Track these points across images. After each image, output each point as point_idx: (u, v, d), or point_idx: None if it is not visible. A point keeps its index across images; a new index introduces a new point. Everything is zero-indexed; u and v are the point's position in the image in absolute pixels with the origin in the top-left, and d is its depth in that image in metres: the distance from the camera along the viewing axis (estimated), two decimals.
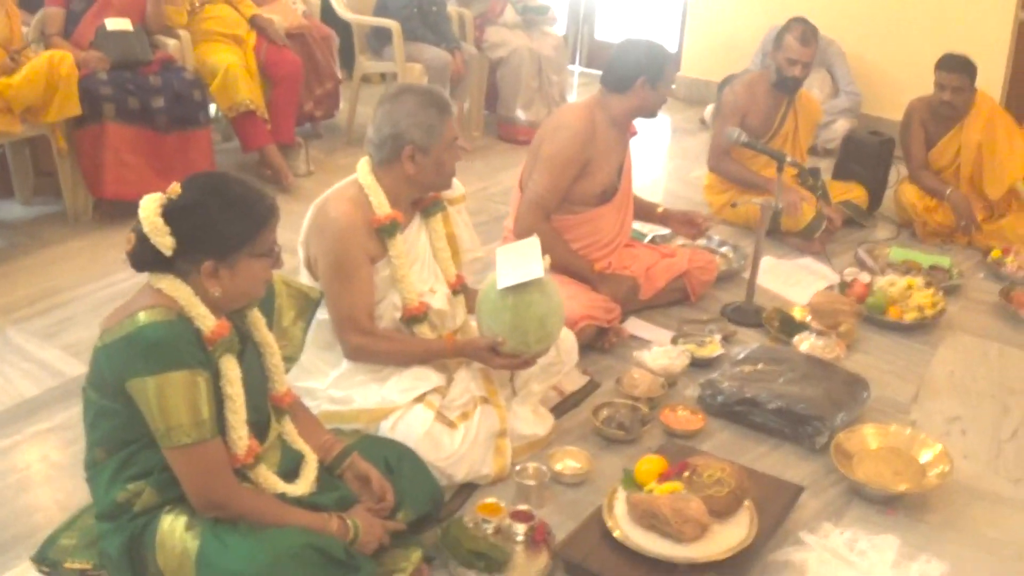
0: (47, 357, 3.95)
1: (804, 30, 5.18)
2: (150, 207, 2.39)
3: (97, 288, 4.55)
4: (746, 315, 4.48)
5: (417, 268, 3.32)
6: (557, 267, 3.95)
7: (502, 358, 3.21)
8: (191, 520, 2.45)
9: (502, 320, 3.16)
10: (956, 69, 5.23)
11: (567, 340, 3.57)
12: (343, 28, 6.81)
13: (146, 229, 2.38)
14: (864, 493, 3.30)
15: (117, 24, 5.36)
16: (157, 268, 2.44)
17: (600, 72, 4.27)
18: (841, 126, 6.70)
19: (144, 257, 2.43)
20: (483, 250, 3.74)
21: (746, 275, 4.64)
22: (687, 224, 4.56)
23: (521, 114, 6.99)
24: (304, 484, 2.67)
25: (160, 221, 2.37)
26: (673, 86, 3.64)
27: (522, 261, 3.19)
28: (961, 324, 4.58)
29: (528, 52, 6.79)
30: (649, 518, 2.86)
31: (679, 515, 2.81)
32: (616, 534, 2.87)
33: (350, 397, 3.21)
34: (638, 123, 4.30)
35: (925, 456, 3.41)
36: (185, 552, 2.41)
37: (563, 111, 4.47)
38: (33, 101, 4.89)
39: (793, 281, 4.85)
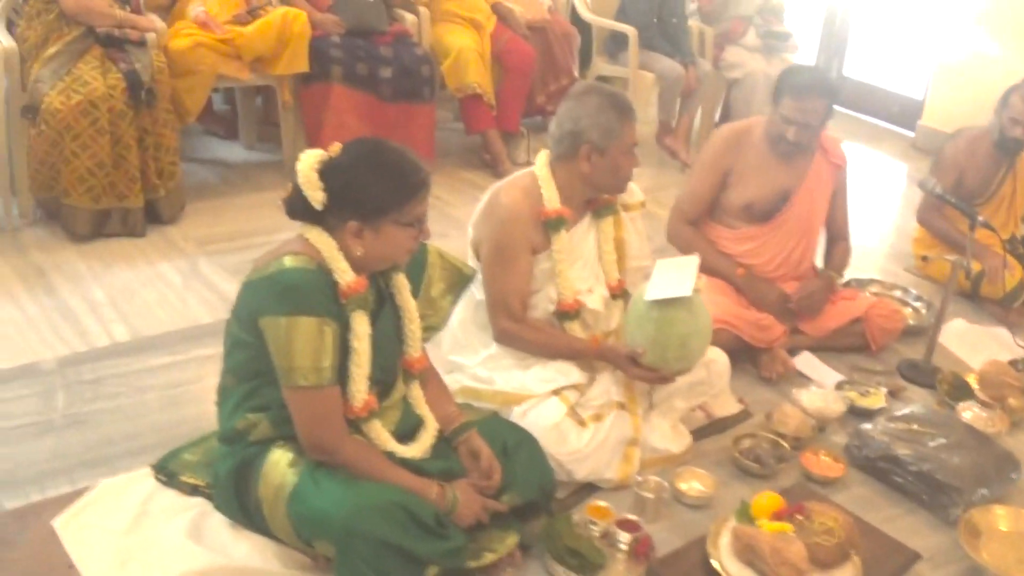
0: (228, 290, 4.23)
1: None
2: (309, 161, 2.58)
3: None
4: (921, 373, 4.38)
5: (579, 266, 3.42)
6: (701, 268, 3.97)
7: (640, 369, 3.27)
8: (296, 458, 2.64)
9: (645, 332, 3.21)
10: None
11: (719, 362, 3.61)
12: (586, 28, 6.95)
13: (300, 181, 2.57)
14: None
15: None
16: (308, 219, 2.64)
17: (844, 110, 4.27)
18: None
19: (297, 207, 2.63)
20: (652, 260, 3.76)
21: None
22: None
23: None
24: (418, 448, 2.83)
25: (315, 176, 2.56)
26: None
27: (676, 277, 3.23)
28: None
29: (764, 77, 6.75)
30: (748, 553, 2.87)
31: (777, 555, 2.82)
32: (714, 563, 2.90)
33: (492, 379, 3.35)
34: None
35: None
36: (283, 485, 2.61)
37: (724, 126, 4.51)
38: (263, 52, 5.26)
39: (980, 348, 4.67)
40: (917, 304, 5.00)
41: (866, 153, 7.81)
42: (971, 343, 4.76)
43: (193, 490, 2.98)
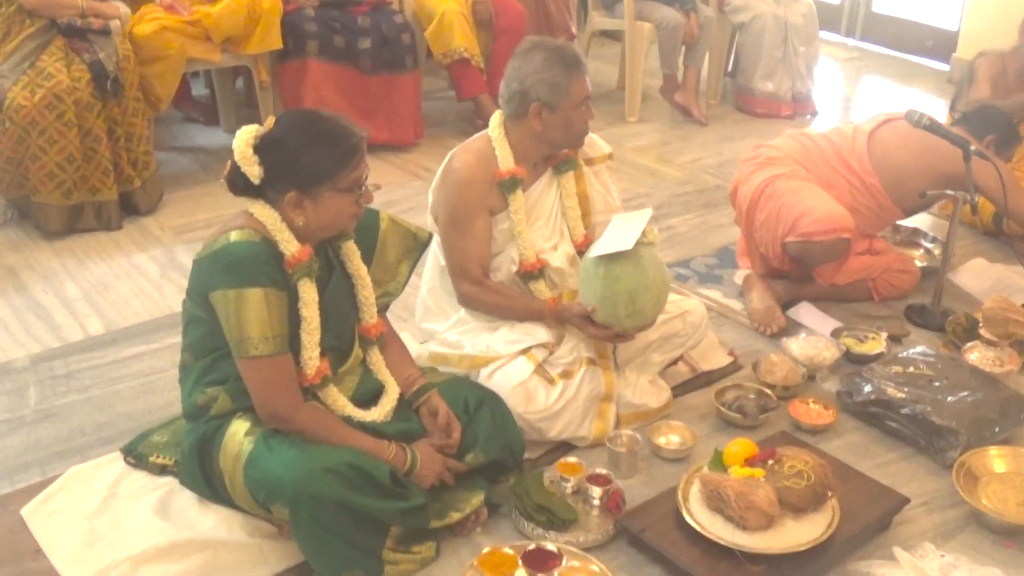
0: None
1: None
2: (244, 137, 2.88)
3: None
4: (930, 317, 4.57)
5: (540, 225, 3.68)
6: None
7: (595, 328, 3.51)
8: (252, 427, 2.95)
9: (593, 289, 3.45)
10: None
11: (695, 313, 3.84)
12: None
13: (237, 157, 2.88)
14: (983, 520, 3.36)
15: None
16: (250, 194, 2.94)
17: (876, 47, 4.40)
18: None
19: (238, 183, 2.93)
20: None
21: (949, 275, 4.75)
22: None
23: (760, 84, 7.19)
24: (378, 412, 3.13)
25: (250, 151, 2.86)
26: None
27: (623, 232, 3.45)
28: None
29: (773, 19, 6.95)
30: (716, 500, 3.09)
31: (743, 499, 3.02)
32: (682, 511, 3.12)
33: (462, 343, 3.64)
34: None
35: None
36: (240, 453, 2.91)
37: None
38: (233, 32, 5.56)
39: (1001, 288, 4.82)
40: (930, 245, 5.21)
41: (901, 92, 8.01)
42: (990, 282, 4.93)
43: (162, 470, 3.30)
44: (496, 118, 3.65)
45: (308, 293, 2.96)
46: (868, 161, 4.56)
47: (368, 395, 3.17)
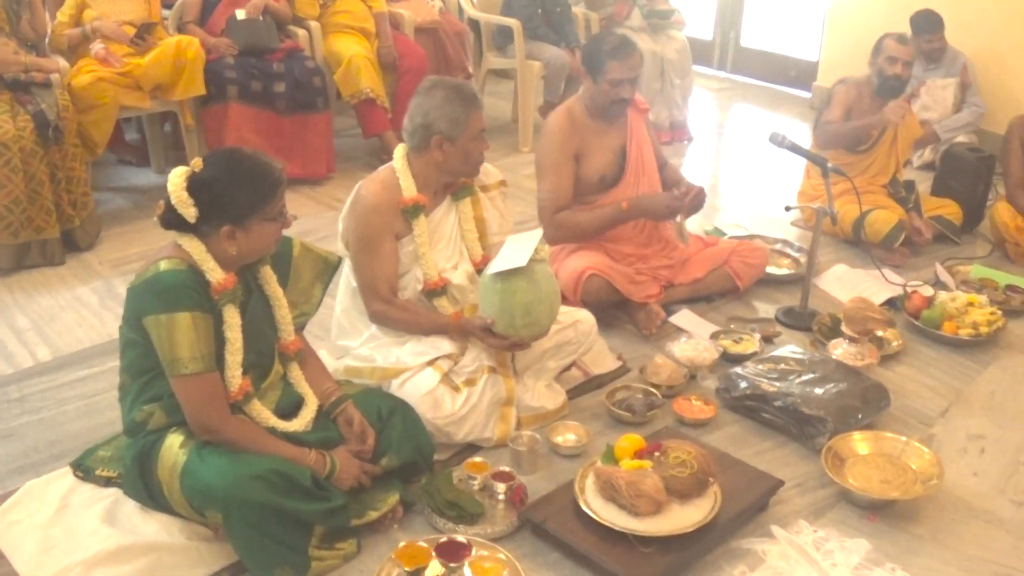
0: None
1: (901, 34, 5.41)
2: (177, 181, 2.90)
3: None
4: (798, 318, 4.68)
5: (442, 246, 3.72)
6: (595, 231, 4.41)
7: (495, 338, 3.56)
8: (186, 440, 2.97)
9: (491, 303, 3.51)
10: None
11: (585, 321, 3.90)
12: (477, 25, 7.30)
13: (173, 200, 2.89)
14: (850, 497, 3.46)
15: (246, 14, 5.99)
16: (182, 229, 2.96)
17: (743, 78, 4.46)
18: (962, 140, 6.73)
19: (172, 221, 2.94)
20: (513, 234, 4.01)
21: (814, 281, 4.85)
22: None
23: None
24: (299, 423, 3.16)
25: (185, 195, 2.88)
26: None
27: (517, 250, 3.51)
28: (1022, 345, 4.62)
29: (650, 54, 7.04)
30: (609, 490, 3.14)
31: (633, 488, 3.08)
32: (580, 502, 3.17)
33: (374, 357, 3.66)
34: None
35: (916, 465, 3.53)
36: (175, 465, 2.93)
37: (548, 117, 4.69)
38: (161, 80, 5.60)
39: (860, 290, 4.94)
40: (797, 254, 5.32)
41: (767, 117, 8.16)
42: (850, 285, 5.07)
43: (107, 482, 3.28)
44: (400, 150, 3.69)
45: (232, 317, 2.99)
46: None
47: (289, 407, 3.20)
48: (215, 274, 2.94)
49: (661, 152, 4.83)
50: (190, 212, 2.88)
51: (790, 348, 4.20)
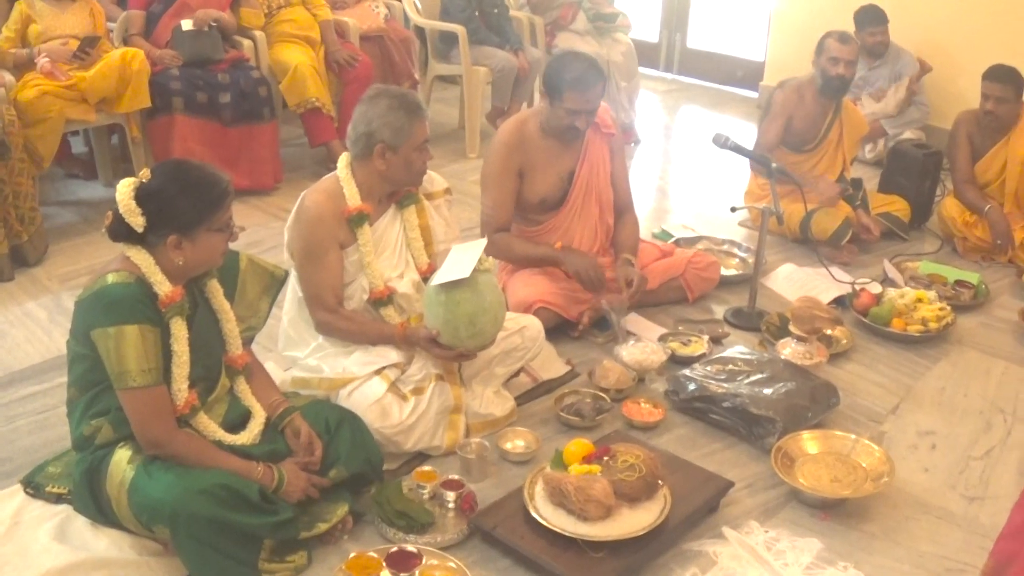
0: None
1: (843, 33, 5.46)
2: (125, 191, 2.89)
3: None
4: (746, 319, 4.72)
5: (388, 255, 3.71)
6: (524, 263, 4.39)
7: (440, 348, 3.56)
8: (134, 455, 2.96)
9: (436, 314, 3.51)
10: (1000, 79, 5.36)
11: (531, 327, 3.91)
12: (422, 32, 7.29)
13: (121, 210, 2.88)
14: (801, 497, 3.48)
15: (192, 25, 5.95)
16: (130, 240, 2.95)
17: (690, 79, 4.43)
18: (909, 136, 6.81)
19: (119, 232, 2.94)
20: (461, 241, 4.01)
21: (762, 281, 4.87)
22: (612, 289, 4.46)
23: None
24: (247, 436, 3.15)
25: (133, 204, 2.88)
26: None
27: (461, 261, 3.52)
28: (972, 340, 4.67)
29: (597, 58, 7.03)
30: (558, 496, 3.15)
31: (581, 493, 3.09)
32: (529, 509, 3.18)
33: (321, 367, 3.65)
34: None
35: (866, 463, 3.55)
36: (123, 480, 2.93)
37: (499, 128, 4.65)
38: (106, 93, 5.56)
39: (808, 288, 4.98)
40: (744, 255, 5.35)
41: (713, 118, 8.22)
42: (798, 284, 5.10)
43: (58, 499, 3.26)
44: (344, 159, 3.68)
45: (179, 330, 2.98)
46: None
47: (237, 420, 3.19)
48: (163, 287, 2.93)
49: (627, 190, 4.74)
50: (138, 222, 2.87)
51: (739, 349, 4.23)
